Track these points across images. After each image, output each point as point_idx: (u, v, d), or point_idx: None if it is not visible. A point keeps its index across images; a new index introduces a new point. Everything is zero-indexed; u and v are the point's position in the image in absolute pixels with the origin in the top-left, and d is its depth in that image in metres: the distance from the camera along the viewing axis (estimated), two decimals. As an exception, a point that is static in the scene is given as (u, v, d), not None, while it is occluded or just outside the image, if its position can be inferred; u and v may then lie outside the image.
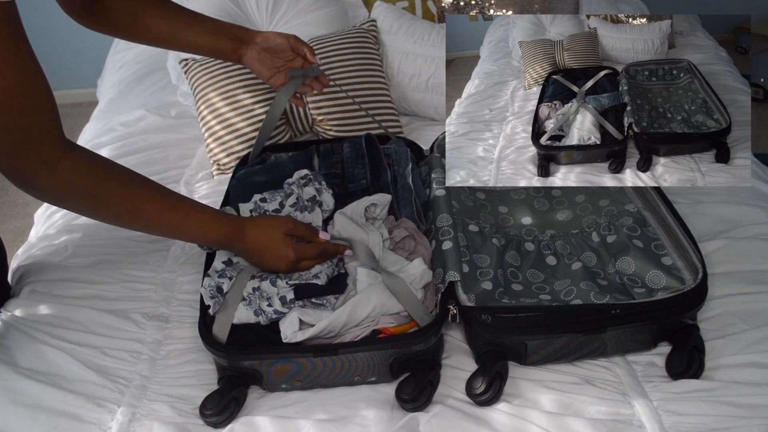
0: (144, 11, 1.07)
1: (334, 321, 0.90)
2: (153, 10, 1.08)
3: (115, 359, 0.98)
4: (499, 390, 0.89)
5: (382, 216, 1.06)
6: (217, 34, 1.11)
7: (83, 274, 1.12)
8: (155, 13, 1.07)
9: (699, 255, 0.98)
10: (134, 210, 0.88)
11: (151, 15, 1.07)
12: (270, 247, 0.96)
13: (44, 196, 0.84)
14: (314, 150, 1.25)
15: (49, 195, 0.84)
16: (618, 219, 1.11)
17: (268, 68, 1.13)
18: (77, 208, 0.88)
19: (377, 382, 0.93)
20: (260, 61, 1.12)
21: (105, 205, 0.86)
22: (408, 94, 1.58)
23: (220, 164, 1.43)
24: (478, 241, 1.08)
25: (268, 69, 1.13)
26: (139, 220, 0.90)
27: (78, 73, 2.76)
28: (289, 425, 0.86)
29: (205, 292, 0.95)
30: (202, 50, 1.12)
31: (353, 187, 1.15)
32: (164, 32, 1.09)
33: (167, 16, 1.08)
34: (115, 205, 0.87)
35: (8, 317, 1.04)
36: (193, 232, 0.94)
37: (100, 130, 1.63)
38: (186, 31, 1.09)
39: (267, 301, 0.93)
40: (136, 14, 1.06)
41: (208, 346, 0.91)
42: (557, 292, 1.01)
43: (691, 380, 0.89)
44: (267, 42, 1.12)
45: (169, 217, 0.91)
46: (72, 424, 0.88)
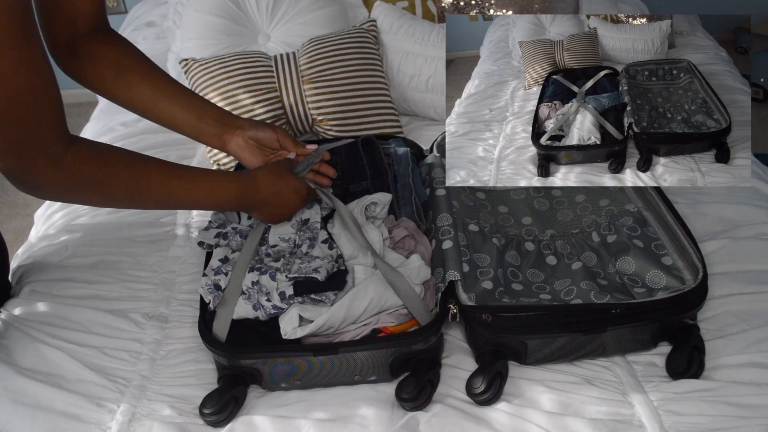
0: (131, 69, 1.00)
1: (332, 316, 0.90)
2: (140, 69, 1.01)
3: (114, 359, 0.98)
4: (499, 390, 0.89)
5: (383, 215, 1.06)
6: (200, 114, 1.04)
7: (83, 274, 1.12)
8: (141, 73, 1.01)
9: (699, 255, 0.98)
10: (142, 188, 0.87)
11: (136, 73, 1.00)
12: (283, 186, 0.98)
13: (48, 194, 0.83)
14: None
15: (54, 191, 0.82)
16: (618, 219, 1.11)
17: (256, 157, 1.08)
18: (85, 198, 0.87)
19: (377, 382, 0.93)
20: (248, 149, 1.07)
21: (112, 190, 0.86)
22: (408, 94, 1.58)
23: (220, 164, 1.43)
24: (478, 240, 1.08)
25: (256, 158, 1.08)
26: (150, 197, 0.89)
27: (78, 73, 2.76)
28: (288, 425, 0.86)
29: (204, 291, 0.95)
30: (181, 127, 1.05)
31: (354, 188, 1.15)
32: (145, 97, 1.01)
33: (153, 81, 1.01)
34: (122, 187, 0.86)
35: (8, 317, 1.04)
36: (205, 196, 0.93)
37: (100, 130, 1.63)
38: (168, 101, 1.02)
39: (266, 296, 0.93)
40: (122, 68, 0.99)
41: (208, 345, 0.91)
42: (557, 291, 1.01)
43: (691, 380, 0.89)
44: (254, 132, 1.07)
45: (178, 185, 0.90)
46: (72, 424, 0.88)
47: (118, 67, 0.99)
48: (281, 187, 0.99)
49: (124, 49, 1.01)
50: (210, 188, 0.93)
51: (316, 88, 1.46)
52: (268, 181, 0.98)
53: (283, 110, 1.46)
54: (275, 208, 1.00)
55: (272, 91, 1.45)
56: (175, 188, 0.90)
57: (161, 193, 0.90)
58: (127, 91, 1.01)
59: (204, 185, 0.92)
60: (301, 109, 1.47)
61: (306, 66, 1.48)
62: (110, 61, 0.99)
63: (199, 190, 0.92)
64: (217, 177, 0.95)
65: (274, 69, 1.48)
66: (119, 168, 0.85)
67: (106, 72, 0.99)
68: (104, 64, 0.99)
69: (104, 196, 0.86)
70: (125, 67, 1.00)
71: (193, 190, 0.92)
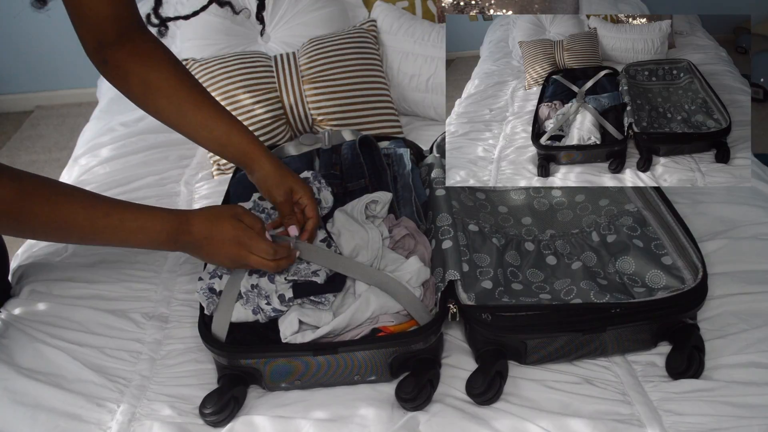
0: (158, 90, 0.97)
1: (335, 327, 0.90)
2: (167, 90, 0.97)
3: (114, 359, 0.98)
4: (499, 389, 0.89)
5: (383, 214, 1.06)
6: (226, 142, 1.00)
7: (83, 274, 1.12)
8: (168, 97, 0.97)
9: (699, 255, 0.98)
10: (63, 225, 0.83)
11: (163, 95, 0.97)
12: (215, 232, 0.88)
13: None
14: (315, 153, 1.25)
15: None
16: (618, 219, 1.11)
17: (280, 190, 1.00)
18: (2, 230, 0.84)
19: (377, 381, 0.93)
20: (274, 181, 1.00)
21: (30, 226, 0.82)
22: (408, 94, 1.58)
23: (220, 164, 1.43)
24: (478, 240, 1.08)
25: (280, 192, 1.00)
26: (72, 235, 0.85)
27: (78, 73, 2.77)
28: (288, 425, 0.86)
29: (199, 295, 0.95)
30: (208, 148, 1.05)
31: (353, 187, 1.15)
32: (172, 119, 1.00)
33: (179, 105, 0.98)
34: (41, 224, 0.82)
35: (8, 317, 1.04)
36: (134, 236, 0.87)
37: (100, 130, 1.63)
38: (195, 126, 1.00)
39: (266, 299, 0.93)
40: (149, 88, 0.97)
41: (208, 345, 0.91)
42: (557, 291, 1.01)
43: (691, 380, 0.89)
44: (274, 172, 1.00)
45: (104, 224, 0.84)
46: (72, 424, 0.88)
47: (144, 86, 0.97)
48: (213, 232, 0.89)
49: (152, 63, 0.97)
50: (139, 227, 0.86)
51: (316, 88, 1.46)
52: (200, 222, 0.89)
53: (283, 110, 1.46)
54: (209, 255, 0.92)
55: (272, 91, 1.45)
56: (100, 228, 0.85)
57: (85, 232, 0.85)
58: (155, 112, 1.00)
59: (132, 225, 0.86)
60: (301, 109, 1.47)
61: (306, 66, 1.48)
62: (138, 79, 0.97)
63: (127, 229, 0.86)
64: (147, 216, 0.88)
65: (274, 69, 1.48)
66: (40, 205, 0.81)
67: (134, 89, 0.98)
68: (132, 81, 0.97)
69: (21, 231, 0.83)
70: (152, 87, 0.97)
71: (120, 230, 0.86)
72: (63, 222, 0.83)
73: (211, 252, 0.90)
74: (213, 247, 0.89)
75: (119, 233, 0.86)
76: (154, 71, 0.97)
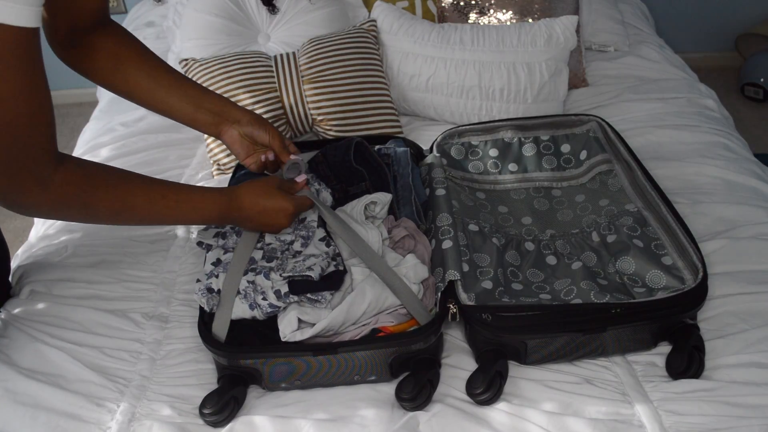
0: (128, 59, 1.02)
1: (332, 321, 0.90)
2: (137, 59, 1.03)
3: (114, 359, 0.98)
4: (499, 389, 0.89)
5: (382, 215, 1.06)
6: (197, 104, 1.06)
7: (83, 274, 1.12)
8: (138, 63, 1.02)
9: (699, 255, 0.98)
10: (126, 208, 0.88)
11: (133, 64, 1.02)
12: (268, 205, 0.97)
13: (32, 213, 0.82)
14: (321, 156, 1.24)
15: (39, 211, 0.82)
16: (618, 219, 1.11)
17: (245, 151, 1.10)
18: (69, 217, 0.88)
19: (377, 382, 0.93)
20: (240, 143, 1.09)
21: (97, 210, 0.86)
22: (408, 94, 1.58)
23: (220, 164, 1.43)
24: (478, 240, 1.08)
25: (245, 151, 1.10)
26: (134, 216, 0.90)
27: (78, 73, 2.76)
28: (288, 425, 0.86)
29: (198, 296, 0.95)
30: (178, 116, 1.08)
31: (353, 190, 1.15)
32: (143, 87, 1.03)
33: (150, 72, 1.03)
34: (106, 208, 0.86)
35: (8, 317, 1.04)
36: (189, 215, 0.94)
37: (100, 130, 1.63)
38: (165, 91, 1.04)
39: (262, 294, 0.93)
40: (120, 60, 1.01)
41: (208, 346, 0.91)
42: (557, 291, 1.01)
43: (691, 380, 0.89)
44: (250, 129, 1.08)
45: (162, 206, 0.90)
46: (72, 423, 0.88)
47: (115, 57, 1.01)
48: (265, 206, 0.98)
49: (121, 40, 1.02)
50: (193, 208, 0.93)
51: (316, 88, 1.46)
52: (251, 200, 0.97)
53: (283, 110, 1.46)
54: (260, 226, 1.00)
55: (272, 91, 1.45)
56: (159, 208, 0.90)
57: (145, 213, 0.90)
58: (124, 82, 1.03)
59: (187, 205, 0.93)
60: (301, 110, 1.47)
61: (306, 66, 1.48)
62: (108, 52, 1.01)
63: (183, 209, 0.93)
64: (201, 196, 0.95)
65: (274, 69, 1.48)
66: (105, 189, 0.85)
67: (103, 62, 1.01)
68: (102, 55, 1.01)
69: (88, 215, 0.87)
70: (122, 57, 1.01)
71: (176, 209, 0.92)
72: (126, 205, 0.88)
73: (262, 222, 0.99)
74: (265, 217, 0.98)
75: (175, 213, 0.93)
76: (123, 47, 1.02)
